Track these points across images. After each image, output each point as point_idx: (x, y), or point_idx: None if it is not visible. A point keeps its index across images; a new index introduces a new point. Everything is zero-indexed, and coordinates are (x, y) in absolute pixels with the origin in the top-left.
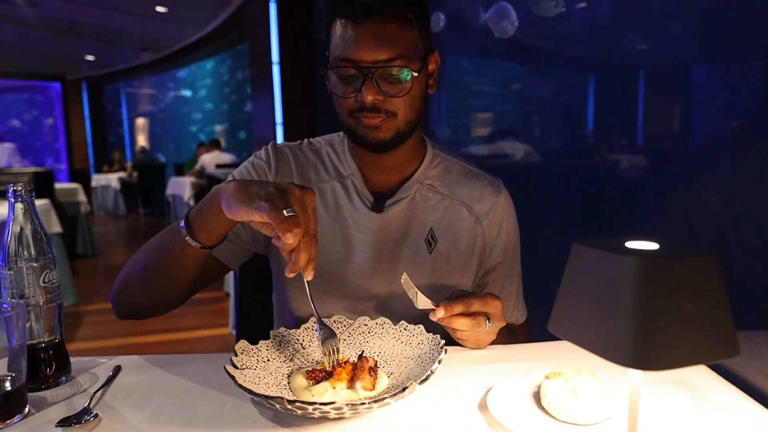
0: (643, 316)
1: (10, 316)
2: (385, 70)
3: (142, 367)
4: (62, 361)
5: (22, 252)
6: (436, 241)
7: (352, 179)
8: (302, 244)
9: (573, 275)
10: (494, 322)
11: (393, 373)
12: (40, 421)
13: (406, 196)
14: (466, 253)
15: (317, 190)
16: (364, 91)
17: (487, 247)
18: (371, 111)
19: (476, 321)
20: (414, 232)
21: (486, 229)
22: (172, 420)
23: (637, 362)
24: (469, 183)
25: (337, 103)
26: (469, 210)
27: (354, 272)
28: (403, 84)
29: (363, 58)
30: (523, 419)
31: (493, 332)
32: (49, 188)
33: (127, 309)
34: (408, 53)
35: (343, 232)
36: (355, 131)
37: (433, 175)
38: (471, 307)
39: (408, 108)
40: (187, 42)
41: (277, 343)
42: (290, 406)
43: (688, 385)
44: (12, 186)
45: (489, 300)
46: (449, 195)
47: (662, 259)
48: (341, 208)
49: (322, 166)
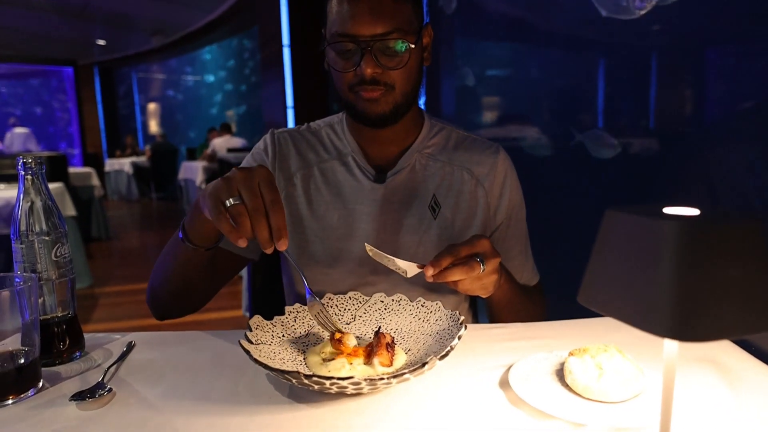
0: (683, 283)
1: (22, 289)
2: (383, 43)
3: (156, 343)
4: (76, 336)
5: (34, 225)
6: (440, 206)
7: (352, 155)
8: (254, 223)
9: (606, 243)
10: (488, 260)
11: (410, 349)
12: (54, 395)
13: (406, 166)
14: (469, 216)
15: (318, 170)
16: (363, 64)
17: (490, 209)
18: (370, 84)
19: (469, 266)
20: (417, 200)
21: (488, 190)
22: (186, 395)
23: (676, 332)
24: (467, 148)
25: (336, 79)
26: (470, 174)
27: (359, 245)
28: (401, 56)
29: (361, 33)
30: (546, 396)
31: (492, 271)
32: (63, 172)
33: (163, 313)
34: (404, 26)
35: (347, 207)
36: (354, 106)
37: (432, 143)
38: (459, 254)
39: (405, 80)
40: (197, 26)
41: (292, 319)
42: (307, 380)
43: (718, 363)
44: (22, 158)
45: (475, 242)
46: (449, 161)
47: (705, 224)
48: (343, 185)
49: (322, 147)
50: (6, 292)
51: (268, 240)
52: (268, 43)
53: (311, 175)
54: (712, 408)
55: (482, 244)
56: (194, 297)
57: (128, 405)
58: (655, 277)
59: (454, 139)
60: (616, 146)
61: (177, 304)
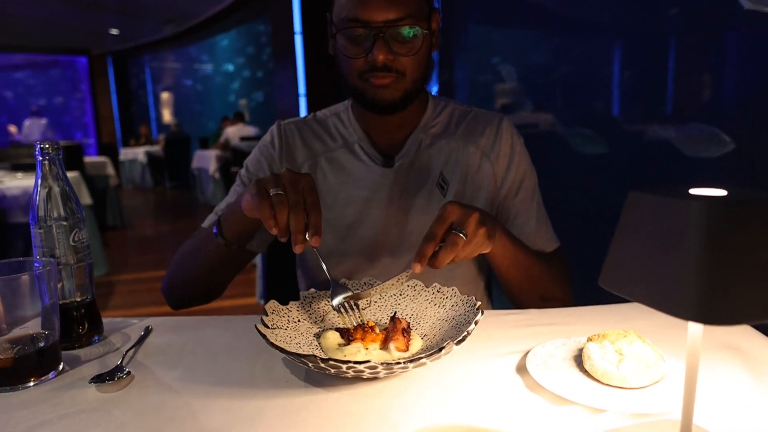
0: (708, 266)
1: (41, 273)
2: (395, 29)
3: (173, 328)
4: (94, 320)
5: (52, 211)
6: (448, 183)
7: (359, 143)
8: (293, 215)
9: (629, 225)
10: (466, 225)
11: (426, 335)
12: (74, 378)
13: (413, 147)
14: (477, 189)
15: (326, 159)
16: (375, 50)
17: (497, 179)
18: (382, 70)
19: (452, 242)
20: (425, 179)
21: (494, 161)
22: (203, 378)
23: (701, 315)
24: (471, 121)
25: (345, 65)
26: (475, 146)
27: (370, 231)
28: (413, 42)
29: (373, 18)
30: (564, 382)
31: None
32: (78, 162)
33: (178, 302)
34: (416, 12)
35: (355, 193)
36: (363, 93)
37: (436, 122)
38: (435, 236)
39: (416, 67)
40: (209, 13)
41: (308, 304)
42: (323, 364)
43: (740, 349)
44: (39, 144)
45: (444, 214)
46: (454, 137)
47: (733, 205)
48: (351, 172)
49: (329, 136)
50: (26, 276)
51: (302, 233)
52: (279, 30)
53: (318, 164)
54: (735, 394)
55: (451, 212)
56: (212, 290)
57: (146, 388)
58: (680, 260)
59: (457, 114)
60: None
61: (195, 296)
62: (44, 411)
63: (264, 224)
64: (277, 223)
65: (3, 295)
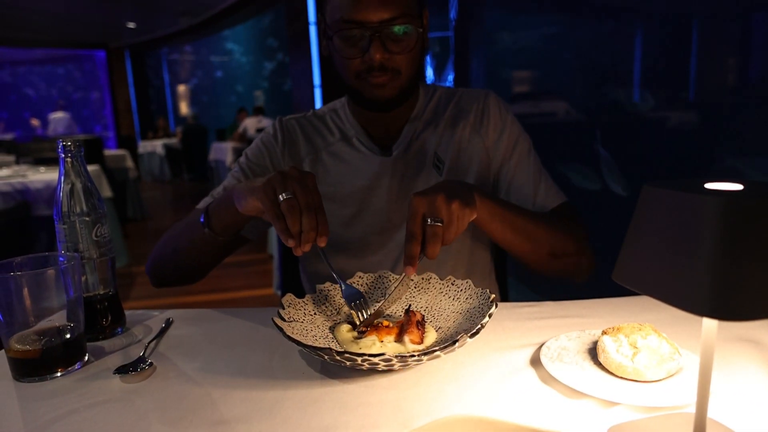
0: (723, 261)
1: (66, 268)
2: (390, 28)
3: (193, 320)
4: (117, 313)
5: (75, 207)
6: (443, 162)
7: (357, 137)
8: (305, 218)
9: (643, 219)
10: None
11: (441, 327)
12: (99, 368)
13: (408, 137)
14: (471, 163)
15: (326, 153)
16: (372, 51)
17: (488, 151)
18: (378, 70)
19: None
20: (422, 163)
21: (483, 135)
22: (223, 369)
23: (715, 311)
24: (458, 102)
25: (341, 66)
26: (465, 122)
27: (374, 217)
28: (407, 40)
29: (369, 18)
30: (578, 375)
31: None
32: (98, 155)
33: (160, 280)
34: (409, 10)
35: (357, 183)
36: (361, 93)
37: (428, 108)
38: (415, 234)
39: (411, 64)
40: (224, 5)
41: (323, 297)
42: (339, 357)
43: (757, 343)
44: (62, 141)
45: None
46: (443, 118)
47: (749, 199)
48: (351, 163)
49: (328, 131)
50: (51, 270)
51: (315, 230)
52: (294, 21)
53: (319, 159)
54: (750, 388)
55: (418, 204)
56: (197, 273)
57: (168, 378)
58: (694, 255)
59: (445, 96)
60: None
61: (178, 277)
62: (71, 401)
63: (278, 234)
64: (291, 231)
65: (30, 289)
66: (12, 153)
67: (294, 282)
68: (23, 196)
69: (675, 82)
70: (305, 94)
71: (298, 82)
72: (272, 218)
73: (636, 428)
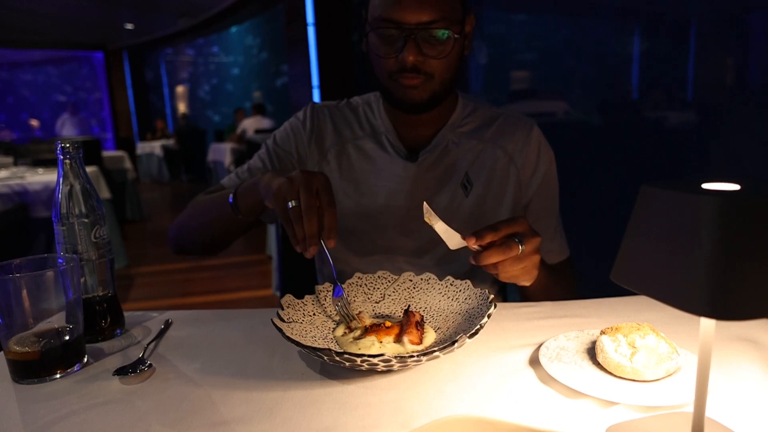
0: (721, 261)
1: (65, 269)
2: (427, 31)
3: (192, 321)
4: (116, 314)
5: (73, 208)
6: (472, 184)
7: (386, 135)
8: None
9: (641, 219)
10: (527, 240)
11: (440, 328)
12: (98, 370)
13: (439, 145)
14: (501, 194)
15: (352, 146)
16: (405, 52)
17: (522, 186)
18: (411, 72)
19: (507, 246)
20: (449, 178)
21: (520, 168)
22: (222, 370)
23: (713, 311)
24: (501, 125)
25: (376, 64)
26: (503, 150)
27: (390, 222)
28: (444, 46)
29: (406, 20)
30: (577, 375)
31: (532, 251)
32: (97, 156)
33: (181, 249)
34: (449, 15)
35: (379, 183)
36: (392, 93)
37: (465, 122)
38: (499, 231)
39: (445, 70)
40: (223, 6)
41: (322, 298)
42: (338, 358)
43: (755, 342)
44: (60, 143)
45: (515, 220)
46: (482, 139)
47: (746, 200)
48: (375, 162)
49: (358, 124)
50: (50, 272)
51: (316, 235)
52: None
53: (345, 151)
54: (749, 387)
55: (521, 223)
56: (218, 247)
57: (168, 380)
58: (692, 255)
59: (487, 116)
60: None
61: (199, 248)
62: (70, 402)
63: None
64: (297, 237)
65: (29, 291)
66: (10, 154)
67: (293, 283)
68: (22, 197)
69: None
70: (303, 94)
71: (296, 82)
72: (284, 224)
73: (634, 428)
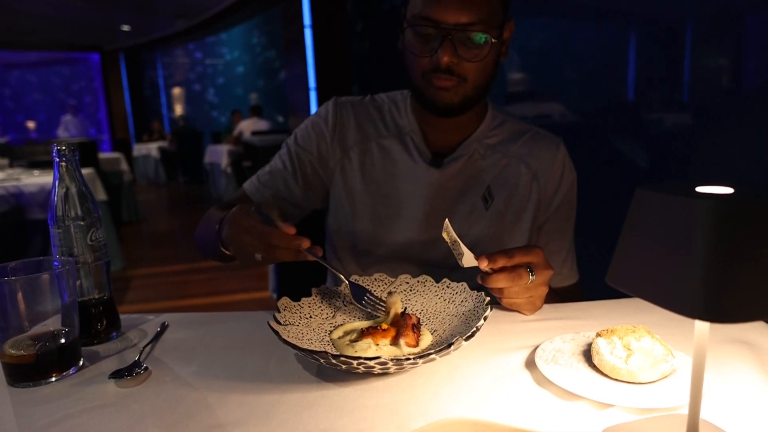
0: (715, 264)
1: (61, 272)
2: (465, 33)
3: (188, 324)
4: (112, 317)
5: (69, 211)
6: (493, 198)
7: (411, 136)
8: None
9: (636, 222)
10: (539, 271)
11: (436, 330)
12: (94, 373)
13: (464, 154)
14: (520, 210)
15: (376, 145)
16: (441, 52)
17: (542, 205)
18: (444, 72)
19: (517, 274)
20: (471, 188)
21: (543, 186)
22: (219, 373)
23: (707, 313)
24: (527, 141)
25: (410, 62)
26: (527, 167)
27: (407, 227)
28: (480, 49)
29: (444, 19)
30: (573, 377)
31: (542, 283)
32: (93, 158)
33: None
34: (489, 18)
35: (399, 186)
36: (423, 92)
37: (492, 134)
38: (512, 258)
39: (479, 74)
40: (220, 7)
41: (319, 300)
42: (335, 360)
43: (750, 344)
44: (56, 146)
45: (530, 249)
46: (508, 153)
47: (739, 203)
48: (398, 164)
49: (382, 123)
50: (46, 275)
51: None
52: (289, 24)
53: (368, 150)
54: (744, 389)
55: (536, 254)
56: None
57: (164, 383)
58: (686, 258)
59: (515, 131)
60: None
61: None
62: (66, 405)
63: None
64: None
65: (24, 294)
66: (6, 156)
67: (289, 285)
68: (17, 199)
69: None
70: (300, 96)
71: (294, 84)
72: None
73: (630, 430)
